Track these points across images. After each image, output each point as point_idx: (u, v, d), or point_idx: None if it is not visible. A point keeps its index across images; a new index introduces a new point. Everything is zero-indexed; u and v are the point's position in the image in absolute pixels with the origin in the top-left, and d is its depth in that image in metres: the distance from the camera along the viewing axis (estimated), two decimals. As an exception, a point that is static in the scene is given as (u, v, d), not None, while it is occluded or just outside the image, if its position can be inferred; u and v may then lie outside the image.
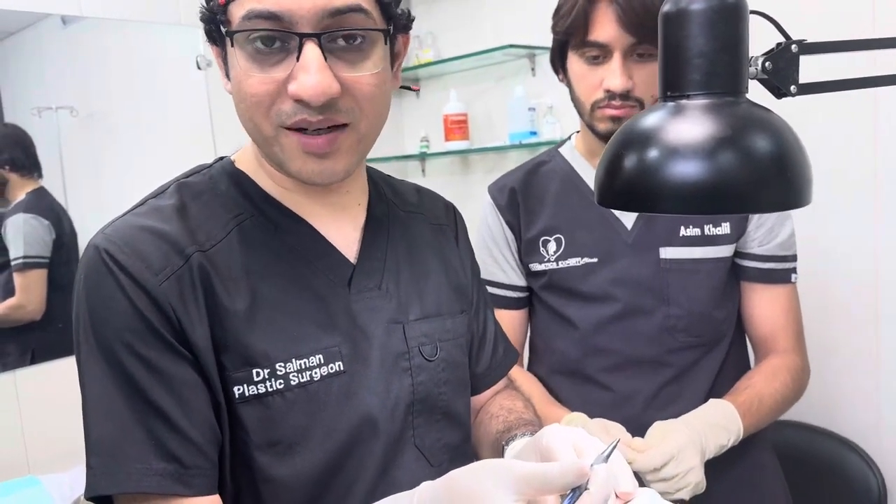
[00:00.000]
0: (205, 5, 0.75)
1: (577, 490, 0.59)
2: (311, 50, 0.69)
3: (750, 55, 0.57)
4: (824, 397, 1.88)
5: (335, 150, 0.74)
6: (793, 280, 1.27)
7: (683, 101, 0.56)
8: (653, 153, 0.55)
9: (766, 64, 0.58)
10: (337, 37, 0.70)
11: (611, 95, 1.13)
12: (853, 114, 1.78)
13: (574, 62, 1.18)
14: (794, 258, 1.27)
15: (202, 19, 0.75)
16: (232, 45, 0.72)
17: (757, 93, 0.58)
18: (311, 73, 0.69)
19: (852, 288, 1.84)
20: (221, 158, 0.86)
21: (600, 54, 1.13)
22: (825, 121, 1.79)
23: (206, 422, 0.73)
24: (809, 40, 0.60)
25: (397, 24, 0.77)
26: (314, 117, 0.71)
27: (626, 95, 1.12)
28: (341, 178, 0.77)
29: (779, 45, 0.59)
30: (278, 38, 0.70)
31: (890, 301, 1.80)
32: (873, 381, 1.83)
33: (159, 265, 0.72)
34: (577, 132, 1.33)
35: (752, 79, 0.58)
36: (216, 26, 0.74)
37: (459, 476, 0.62)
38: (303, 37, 0.69)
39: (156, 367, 0.70)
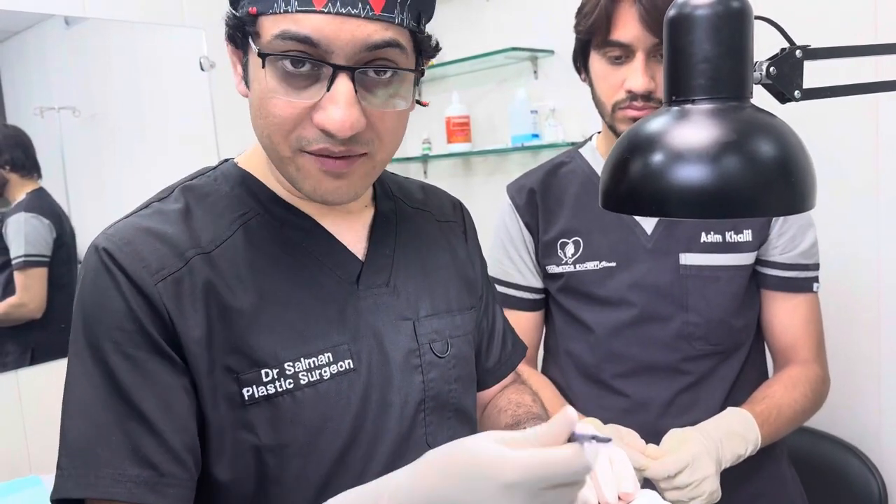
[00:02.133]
0: (232, 10, 0.72)
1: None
2: (343, 83, 0.68)
3: (754, 60, 0.57)
4: (825, 401, 1.88)
5: (350, 172, 0.74)
6: (815, 289, 1.25)
7: (688, 106, 0.57)
8: (658, 157, 0.55)
9: (771, 69, 0.59)
10: (368, 70, 0.70)
11: (632, 96, 1.11)
12: (855, 119, 1.78)
13: (596, 62, 1.16)
14: (816, 267, 1.25)
15: (228, 24, 0.73)
16: (263, 65, 0.69)
17: (761, 98, 0.58)
18: (340, 107, 0.68)
19: (854, 292, 1.84)
20: (225, 161, 0.86)
21: (622, 54, 1.12)
22: (827, 126, 1.79)
23: (187, 430, 0.71)
24: (812, 46, 0.60)
25: (427, 55, 0.77)
26: (336, 147, 0.71)
27: (647, 96, 1.10)
28: (352, 199, 0.78)
29: (783, 50, 0.59)
30: (310, 63, 0.68)
31: (892, 305, 1.80)
32: (874, 385, 1.84)
33: (157, 266, 0.72)
34: (598, 133, 1.31)
35: (756, 84, 0.58)
36: (242, 34, 0.72)
37: (438, 453, 0.61)
38: (337, 69, 0.68)
39: (142, 369, 0.70)
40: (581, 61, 1.21)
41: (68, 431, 0.70)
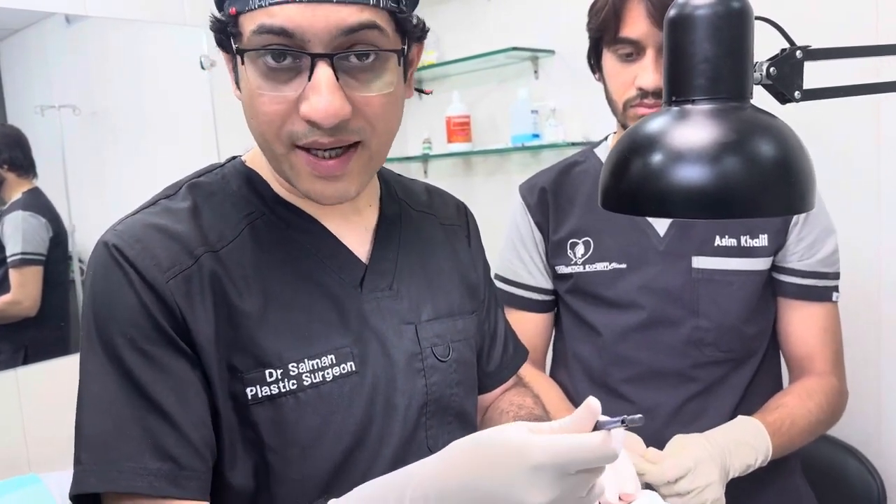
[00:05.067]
0: (215, 14, 0.73)
1: None
2: (322, 71, 0.67)
3: (755, 61, 0.57)
4: (824, 402, 1.88)
5: (347, 172, 0.73)
6: (834, 299, 1.21)
7: (688, 106, 0.56)
8: (658, 158, 0.55)
9: (771, 69, 0.58)
10: (349, 56, 0.69)
11: (643, 94, 1.10)
12: (856, 119, 1.78)
13: (608, 60, 1.15)
14: (836, 276, 1.21)
15: (212, 28, 0.73)
16: (242, 62, 0.70)
17: (761, 98, 0.58)
18: (322, 94, 0.67)
19: (854, 293, 1.83)
20: (233, 158, 0.86)
21: (633, 51, 1.11)
22: (829, 127, 1.79)
23: (204, 424, 0.72)
24: (813, 46, 0.60)
25: (411, 37, 0.76)
26: (325, 138, 0.70)
27: (658, 94, 1.09)
28: (353, 198, 0.77)
29: (783, 50, 0.59)
30: (289, 55, 0.68)
31: (892, 306, 1.79)
32: (874, 387, 1.83)
33: (168, 263, 0.71)
34: (614, 133, 1.30)
35: (756, 84, 0.58)
36: (227, 37, 0.72)
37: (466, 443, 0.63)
38: (315, 57, 0.67)
39: (158, 364, 0.70)
40: (594, 60, 1.20)
41: (86, 427, 0.70)
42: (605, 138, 1.33)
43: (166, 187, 0.81)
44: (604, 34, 1.14)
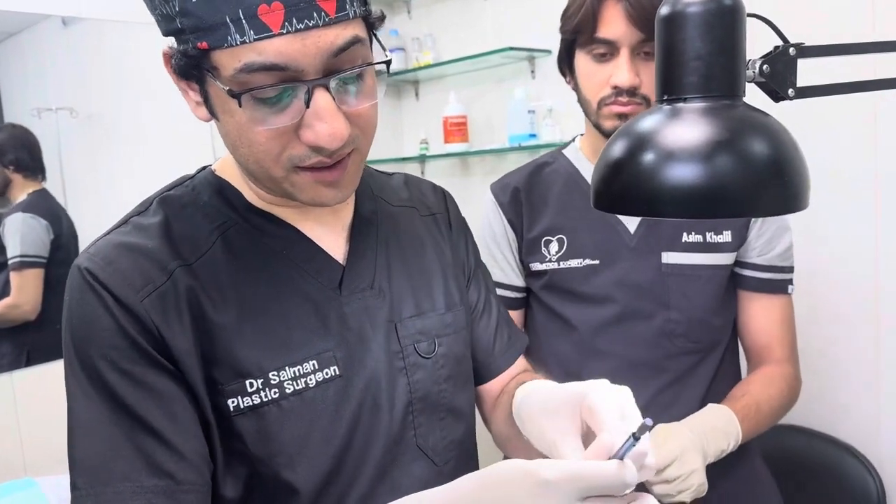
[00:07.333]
0: (176, 47, 0.68)
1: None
2: (322, 97, 0.66)
3: (747, 58, 0.57)
4: (823, 402, 1.87)
5: (343, 175, 0.74)
6: (789, 291, 1.28)
7: (680, 105, 0.56)
8: (649, 156, 0.54)
9: (764, 67, 0.58)
10: (342, 76, 0.68)
11: (618, 92, 1.14)
12: (853, 117, 1.77)
13: (581, 60, 1.19)
14: (791, 269, 1.29)
15: (177, 62, 0.68)
16: (240, 103, 0.66)
17: (754, 96, 0.57)
18: (326, 121, 0.66)
19: (852, 292, 1.84)
20: (203, 168, 0.85)
21: (608, 51, 1.14)
22: (824, 124, 1.78)
23: (196, 437, 0.72)
24: (808, 44, 0.59)
25: (376, 31, 0.74)
26: (329, 157, 0.70)
27: (632, 92, 1.13)
28: (348, 197, 0.77)
29: (776, 48, 0.59)
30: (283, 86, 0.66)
31: (890, 305, 1.79)
32: (873, 386, 1.83)
33: (141, 282, 0.71)
34: (581, 135, 1.34)
35: (749, 82, 0.58)
36: (196, 70, 0.68)
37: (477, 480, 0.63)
38: (312, 85, 0.66)
39: (142, 383, 0.70)
40: (566, 63, 1.24)
41: (78, 452, 0.70)
42: (573, 140, 1.37)
43: (138, 204, 0.81)
44: (579, 35, 1.17)
